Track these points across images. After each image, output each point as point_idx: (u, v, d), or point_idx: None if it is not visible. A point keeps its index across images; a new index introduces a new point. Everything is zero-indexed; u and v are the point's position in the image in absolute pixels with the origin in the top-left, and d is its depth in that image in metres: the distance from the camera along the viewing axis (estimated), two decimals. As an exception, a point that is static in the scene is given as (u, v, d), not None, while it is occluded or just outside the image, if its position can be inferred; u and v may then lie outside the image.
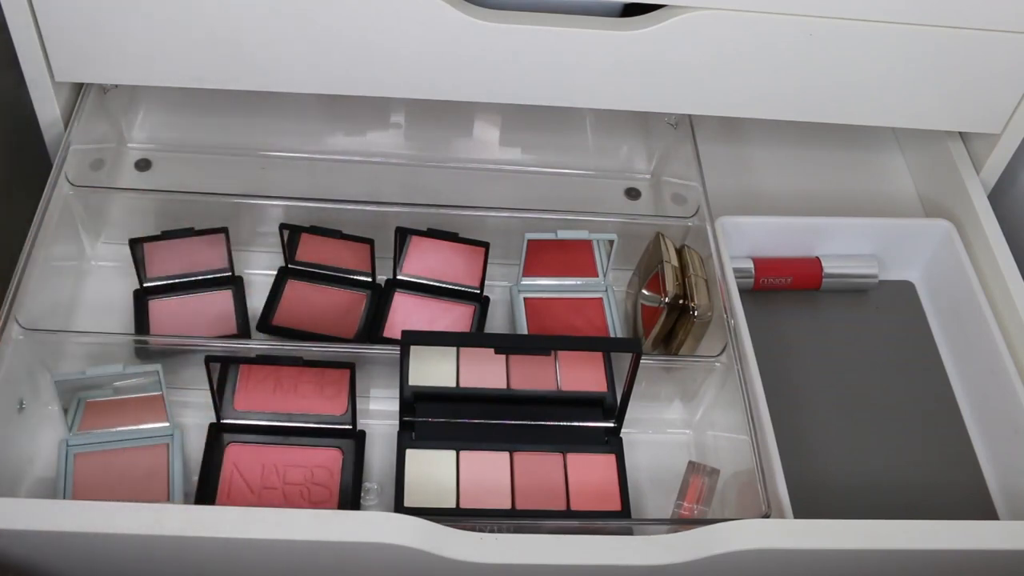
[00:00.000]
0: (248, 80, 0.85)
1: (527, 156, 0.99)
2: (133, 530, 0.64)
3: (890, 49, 0.85)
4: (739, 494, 0.75)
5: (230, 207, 0.86)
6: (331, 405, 0.78)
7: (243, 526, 0.65)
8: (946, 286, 0.92)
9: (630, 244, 0.88)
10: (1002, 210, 0.94)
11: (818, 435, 0.84)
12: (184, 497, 0.75)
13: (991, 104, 0.89)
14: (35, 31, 0.81)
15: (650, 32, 0.82)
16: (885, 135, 1.06)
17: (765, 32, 0.83)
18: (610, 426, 0.79)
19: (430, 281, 0.87)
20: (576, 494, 0.76)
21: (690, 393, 0.83)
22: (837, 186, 1.01)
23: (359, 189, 0.93)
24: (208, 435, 0.77)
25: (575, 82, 0.85)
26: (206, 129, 0.97)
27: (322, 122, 0.99)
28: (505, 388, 0.79)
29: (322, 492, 0.75)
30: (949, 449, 0.85)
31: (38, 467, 0.76)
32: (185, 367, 0.78)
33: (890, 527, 0.70)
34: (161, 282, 0.85)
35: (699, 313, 0.80)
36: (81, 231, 0.87)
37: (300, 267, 0.88)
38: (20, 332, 0.75)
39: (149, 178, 0.93)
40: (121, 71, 0.84)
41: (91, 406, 0.77)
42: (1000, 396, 0.83)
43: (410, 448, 0.77)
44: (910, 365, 0.90)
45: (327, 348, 0.78)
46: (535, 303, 0.88)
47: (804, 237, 0.92)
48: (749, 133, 1.04)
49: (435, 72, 0.84)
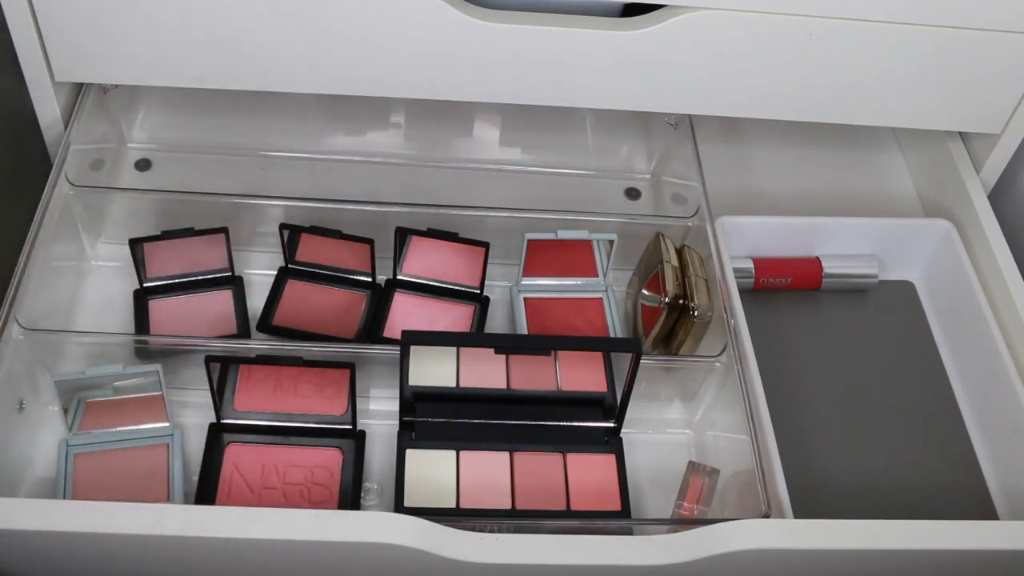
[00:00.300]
0: (248, 80, 0.85)
1: (527, 156, 0.99)
2: (133, 530, 0.64)
3: (890, 49, 0.85)
4: (739, 494, 0.75)
5: (230, 207, 0.86)
6: (331, 405, 0.78)
7: (243, 526, 0.65)
8: (946, 286, 0.92)
9: (630, 244, 0.88)
10: (1002, 210, 0.94)
11: (818, 435, 0.84)
12: (184, 497, 0.75)
13: (991, 104, 0.89)
14: (35, 31, 0.81)
15: (650, 32, 0.82)
16: (885, 135, 1.06)
17: (765, 32, 0.83)
18: (610, 426, 0.79)
19: (430, 281, 0.87)
20: (576, 494, 0.76)
21: (690, 393, 0.83)
22: (837, 186, 1.01)
23: (359, 189, 0.93)
24: (208, 435, 0.77)
25: (575, 82, 0.85)
26: (206, 129, 0.97)
27: (322, 122, 0.99)
28: (505, 388, 0.79)
29: (322, 492, 0.75)
30: (949, 449, 0.85)
31: (38, 467, 0.76)
32: (185, 367, 0.78)
33: (890, 527, 0.70)
34: (161, 282, 0.85)
35: (699, 313, 0.80)
36: (81, 231, 0.87)
37: (300, 267, 0.88)
38: (20, 332, 0.75)
39: (149, 178, 0.93)
40: (121, 71, 0.84)
41: (91, 406, 0.77)
42: (1000, 396, 0.83)
43: (410, 448, 0.77)
44: (910, 365, 0.90)
45: (327, 348, 0.78)
46: (535, 303, 0.88)
47: (804, 237, 0.92)
48: (749, 133, 1.04)
49: (435, 72, 0.84)
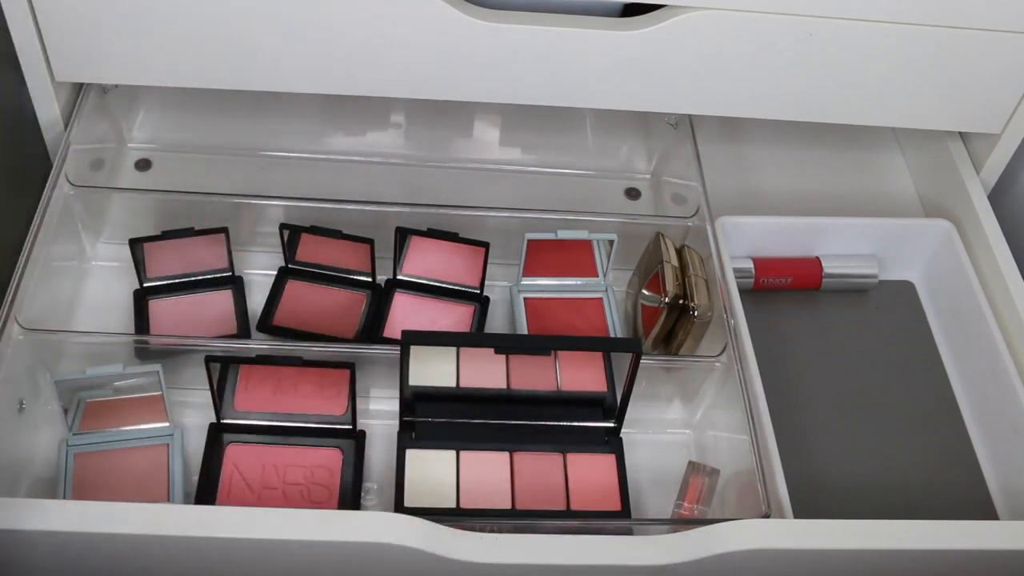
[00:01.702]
0: (248, 80, 0.85)
1: (527, 156, 0.99)
2: (133, 530, 0.64)
3: (890, 49, 0.85)
4: (739, 494, 0.75)
5: (230, 207, 0.86)
6: (331, 405, 0.78)
7: (243, 526, 0.65)
8: (946, 286, 0.92)
9: (630, 244, 0.88)
10: (1002, 210, 0.94)
11: (818, 435, 0.84)
12: (184, 497, 0.75)
13: (991, 104, 0.89)
14: (35, 31, 0.81)
15: (650, 32, 0.82)
16: (885, 135, 1.06)
17: (765, 32, 0.83)
18: (610, 426, 0.79)
19: (430, 281, 0.87)
20: (576, 494, 0.76)
21: (690, 393, 0.83)
22: (837, 186, 1.01)
23: (359, 189, 0.93)
24: (208, 435, 0.77)
25: (575, 82, 0.85)
26: (206, 129, 0.97)
27: (322, 122, 0.99)
28: (505, 388, 0.79)
29: (322, 492, 0.75)
30: (949, 449, 0.85)
31: (38, 467, 0.76)
32: (185, 367, 0.78)
33: (890, 527, 0.70)
34: (161, 282, 0.85)
35: (699, 313, 0.80)
36: (81, 231, 0.87)
37: (300, 267, 0.87)
38: (20, 332, 0.75)
39: (149, 178, 0.93)
40: (121, 71, 0.84)
41: (91, 406, 0.77)
42: (1000, 396, 0.83)
43: (410, 448, 0.77)
44: (910, 365, 0.90)
45: (327, 348, 0.78)
46: (535, 303, 0.88)
47: (804, 237, 0.92)
48: (749, 133, 1.04)
49: (435, 72, 0.84)
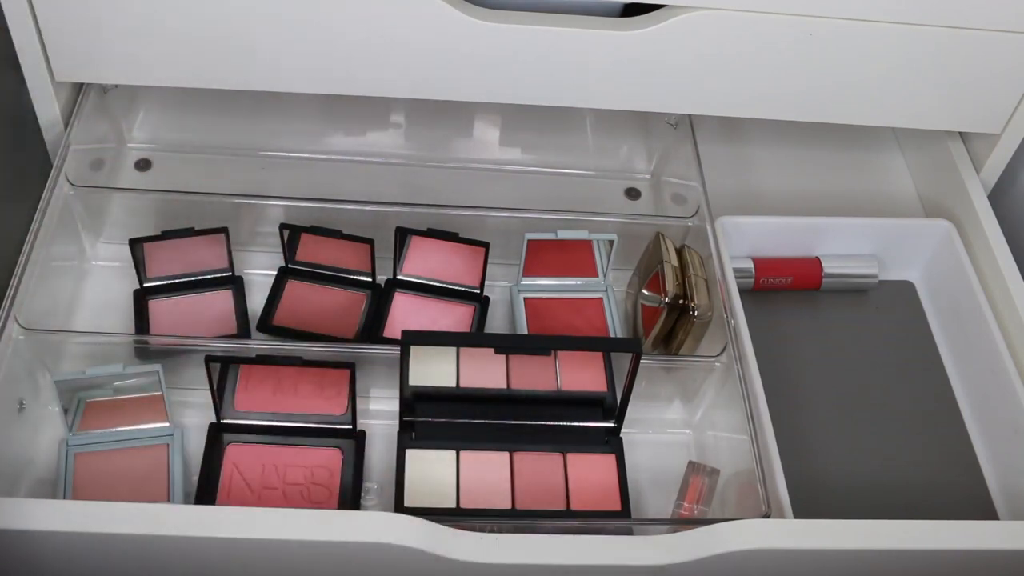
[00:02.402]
0: (248, 80, 0.85)
1: (527, 156, 0.99)
2: (133, 530, 0.64)
3: (890, 49, 0.84)
4: (739, 494, 0.75)
5: (230, 207, 0.86)
6: (331, 405, 0.78)
7: (243, 526, 0.65)
8: (946, 286, 0.92)
9: (630, 244, 0.88)
10: (1002, 210, 0.94)
11: (818, 435, 0.84)
12: (184, 497, 0.75)
13: (991, 104, 0.89)
14: (35, 31, 0.81)
15: (650, 32, 0.82)
16: (885, 135, 1.06)
17: (765, 32, 0.83)
18: (610, 426, 0.79)
19: (430, 281, 0.87)
20: (576, 494, 0.76)
21: (690, 393, 0.83)
22: (837, 186, 1.01)
23: (359, 189, 0.93)
24: (208, 435, 0.77)
25: (575, 82, 0.85)
26: (206, 129, 0.97)
27: (322, 122, 0.99)
28: (505, 388, 0.79)
29: (322, 492, 0.75)
30: (949, 449, 0.85)
31: (38, 467, 0.76)
32: (185, 367, 0.78)
33: (890, 527, 0.70)
34: (161, 282, 0.85)
35: (699, 313, 0.80)
36: (81, 231, 0.87)
37: (300, 267, 0.87)
38: (20, 332, 0.75)
39: (149, 178, 0.93)
40: (121, 71, 0.84)
41: (91, 406, 0.77)
42: (1000, 396, 0.83)
43: (410, 448, 0.77)
44: (910, 365, 0.90)
45: (327, 348, 0.78)
46: (535, 303, 0.88)
47: (804, 237, 0.92)
48: (749, 133, 1.04)
49: (435, 72, 0.84)
